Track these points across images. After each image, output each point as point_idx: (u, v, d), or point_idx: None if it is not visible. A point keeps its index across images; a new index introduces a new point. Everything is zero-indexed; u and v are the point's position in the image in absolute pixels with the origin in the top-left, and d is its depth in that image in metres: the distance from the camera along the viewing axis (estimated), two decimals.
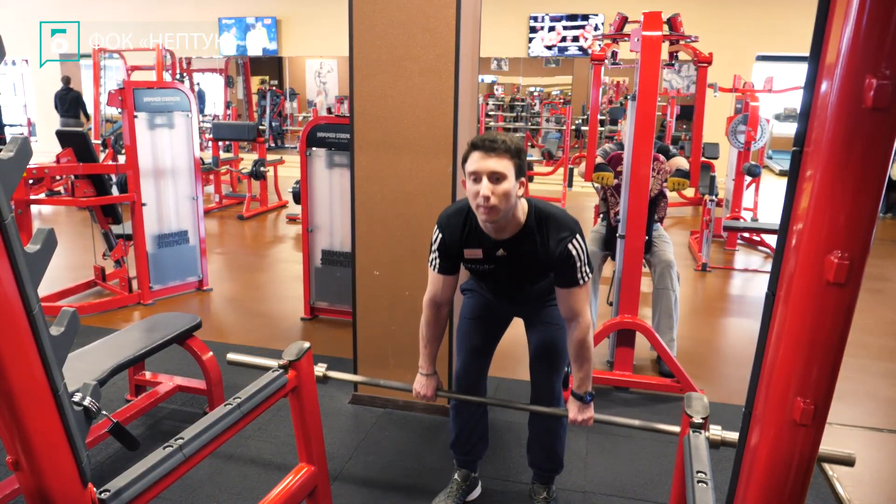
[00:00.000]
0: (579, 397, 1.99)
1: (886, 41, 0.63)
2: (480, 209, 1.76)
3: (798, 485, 0.84)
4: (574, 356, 1.97)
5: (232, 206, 8.06)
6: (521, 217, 1.86)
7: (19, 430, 1.00)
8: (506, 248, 1.90)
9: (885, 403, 3.22)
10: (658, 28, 2.89)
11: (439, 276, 2.00)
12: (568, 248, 1.84)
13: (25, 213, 4.11)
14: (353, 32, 2.68)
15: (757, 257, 6.17)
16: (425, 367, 2.11)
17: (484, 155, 1.73)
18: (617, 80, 15.89)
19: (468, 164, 1.77)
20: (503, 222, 1.82)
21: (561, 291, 1.90)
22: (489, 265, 1.96)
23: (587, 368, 1.97)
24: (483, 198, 1.72)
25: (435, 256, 1.98)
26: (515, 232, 1.87)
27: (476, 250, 1.93)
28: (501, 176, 1.73)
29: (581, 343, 1.93)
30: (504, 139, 1.75)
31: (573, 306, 1.90)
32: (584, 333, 1.92)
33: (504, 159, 1.73)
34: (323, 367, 2.10)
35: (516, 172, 1.76)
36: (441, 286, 2.01)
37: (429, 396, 2.11)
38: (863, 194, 0.69)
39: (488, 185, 1.72)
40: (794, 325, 0.76)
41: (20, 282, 0.94)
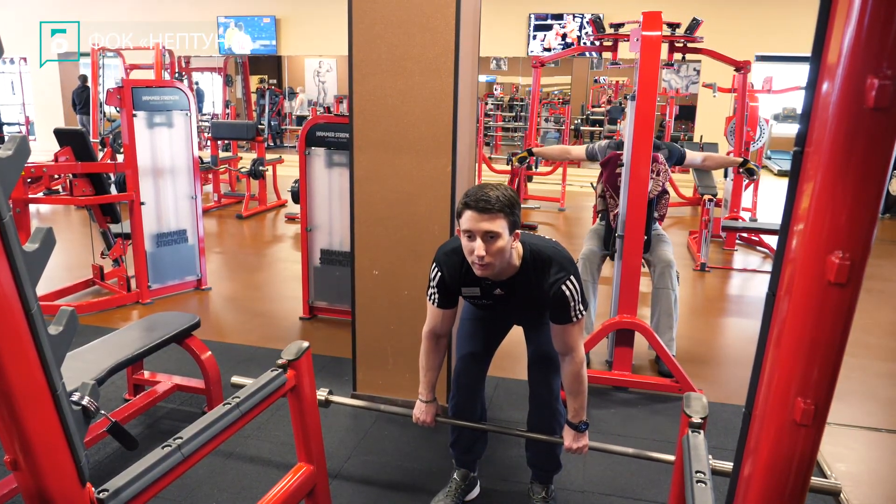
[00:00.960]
0: (574, 426, 2.04)
1: (888, 41, 0.63)
2: (476, 265, 1.80)
3: (798, 485, 0.84)
4: (568, 389, 2.02)
5: (231, 206, 8.05)
6: (516, 262, 1.91)
7: (18, 429, 0.99)
8: (503, 287, 1.96)
9: (885, 403, 3.22)
10: (658, 28, 2.89)
11: (438, 311, 2.05)
12: (562, 289, 1.88)
13: (24, 212, 4.10)
14: (352, 31, 2.67)
15: (756, 257, 6.17)
16: (425, 395, 2.16)
17: (477, 215, 1.75)
18: (616, 79, 15.89)
19: (462, 221, 1.79)
20: (498, 272, 1.87)
21: (555, 327, 1.96)
22: (487, 300, 2.02)
23: (581, 400, 2.01)
24: (478, 257, 1.77)
25: (434, 292, 2.02)
26: (511, 275, 1.93)
27: (474, 288, 1.99)
28: (496, 235, 1.76)
29: (575, 377, 1.99)
30: (497, 196, 1.75)
31: (566, 342, 1.96)
32: (578, 368, 1.98)
33: (498, 219, 1.75)
34: (325, 392, 2.16)
35: (510, 228, 1.79)
36: (440, 320, 2.06)
37: (428, 422, 2.17)
38: (864, 194, 0.68)
39: (482, 245, 1.76)
40: (794, 325, 0.76)
41: (18, 281, 0.94)
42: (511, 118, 15.10)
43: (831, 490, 1.55)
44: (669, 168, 3.47)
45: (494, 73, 16.14)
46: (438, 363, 2.14)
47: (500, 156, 12.41)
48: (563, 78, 16.07)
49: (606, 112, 14.56)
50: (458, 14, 2.55)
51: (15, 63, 14.71)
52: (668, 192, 3.49)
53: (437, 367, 2.14)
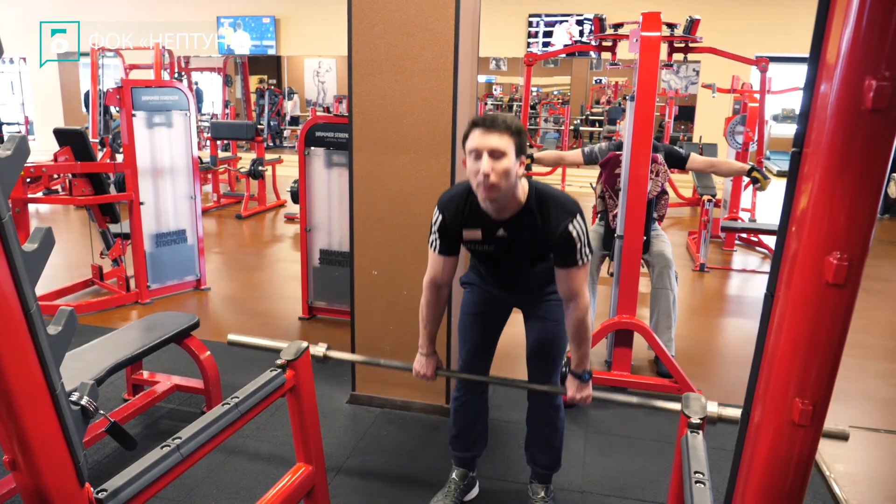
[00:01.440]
0: (578, 375, 1.99)
1: (886, 42, 0.63)
2: (480, 187, 1.75)
3: (796, 485, 0.84)
4: (573, 336, 1.97)
5: (230, 206, 8.05)
6: (521, 197, 1.84)
7: (16, 429, 0.99)
8: (506, 228, 1.89)
9: (883, 404, 3.23)
10: (657, 28, 2.89)
11: (439, 257, 1.99)
12: (569, 229, 1.82)
13: (23, 212, 4.10)
14: (352, 32, 2.67)
15: (755, 258, 6.17)
16: (425, 347, 2.10)
17: (484, 132, 1.73)
18: (616, 80, 15.90)
19: (469, 141, 1.77)
20: (503, 201, 1.81)
21: (560, 272, 1.89)
22: (489, 245, 1.95)
23: (585, 348, 1.97)
24: (483, 175, 1.71)
25: (435, 238, 1.97)
26: (516, 212, 1.86)
27: (475, 231, 1.92)
28: (501, 153, 1.72)
29: (580, 323, 1.93)
30: (504, 118, 1.76)
31: (572, 287, 1.89)
32: (582, 314, 1.92)
33: (504, 136, 1.73)
34: (323, 347, 2.08)
35: (516, 150, 1.76)
36: (441, 267, 2.00)
37: (428, 376, 2.11)
38: (862, 195, 0.69)
39: (488, 161, 1.71)
40: (792, 325, 0.76)
41: (18, 281, 0.94)
42: None
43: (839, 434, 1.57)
44: (668, 169, 3.47)
45: (494, 74, 16.13)
46: (439, 315, 2.09)
47: None
48: (562, 78, 16.07)
49: (606, 112, 14.56)
50: (457, 14, 2.55)
51: (15, 63, 14.70)
52: (667, 192, 3.49)
53: (437, 318, 2.09)
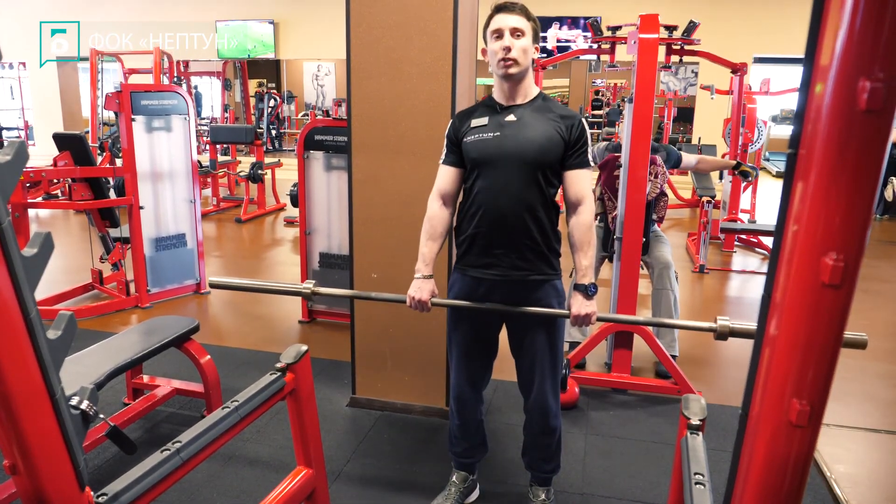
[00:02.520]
0: (582, 288, 1.96)
1: (880, 44, 0.63)
2: (501, 63, 1.92)
3: (794, 485, 0.84)
4: (579, 243, 1.98)
5: (230, 209, 8.06)
6: (532, 88, 2.02)
7: (16, 433, 0.99)
8: (516, 113, 1.99)
9: (882, 404, 3.23)
10: (655, 31, 2.90)
11: (445, 168, 2.08)
12: (581, 123, 1.98)
13: (23, 217, 4.10)
14: (350, 35, 2.68)
15: (754, 259, 6.18)
16: (423, 269, 2.06)
17: (506, 14, 1.92)
18: (614, 82, 15.92)
19: (491, 24, 1.95)
20: (518, 80, 1.97)
21: (569, 175, 1.98)
22: (494, 133, 1.97)
23: (591, 255, 1.98)
24: (505, 48, 1.90)
25: (444, 150, 2.09)
26: (527, 100, 2.00)
27: (482, 118, 2.02)
28: (521, 32, 1.91)
29: (587, 228, 1.99)
30: (523, 4, 1.95)
31: (580, 190, 1.98)
32: (589, 218, 1.99)
33: (523, 18, 1.92)
34: (311, 284, 2.07)
35: (533, 35, 1.95)
36: (446, 178, 2.08)
37: (423, 301, 2.03)
38: (857, 196, 0.69)
39: (510, 38, 1.90)
40: (789, 326, 0.76)
41: (17, 285, 0.94)
42: None
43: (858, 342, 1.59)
44: (667, 170, 3.48)
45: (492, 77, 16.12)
46: (441, 232, 2.07)
47: None
48: (561, 80, 16.09)
49: (605, 115, 14.57)
50: (455, 17, 2.56)
51: (14, 68, 14.71)
52: (666, 194, 3.49)
53: (439, 236, 2.06)
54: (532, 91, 2.02)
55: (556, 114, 1.98)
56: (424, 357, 2.89)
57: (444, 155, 2.09)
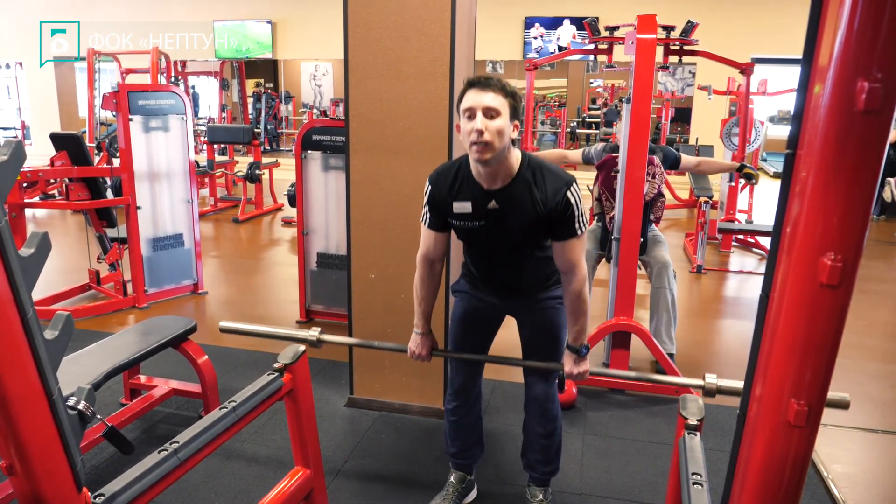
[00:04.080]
0: (575, 350, 1.97)
1: (878, 44, 0.64)
2: (474, 147, 1.72)
3: (792, 486, 0.84)
4: (571, 309, 1.96)
5: (227, 210, 8.05)
6: (514, 165, 1.82)
7: (13, 434, 0.99)
8: (498, 199, 1.85)
9: (880, 405, 3.23)
10: (652, 31, 2.90)
11: (431, 232, 1.99)
12: (566, 195, 1.81)
13: (19, 217, 4.09)
14: (348, 35, 2.68)
15: (752, 259, 6.18)
16: (420, 326, 2.09)
17: (479, 91, 1.73)
18: (612, 82, 15.93)
19: (463, 101, 1.75)
20: (495, 165, 1.78)
21: (557, 245, 1.88)
22: (479, 221, 1.89)
23: (583, 322, 1.96)
24: (477, 132, 1.70)
25: (426, 211, 1.96)
26: (508, 182, 1.83)
27: (466, 203, 1.88)
28: (496, 112, 1.72)
29: (577, 296, 1.92)
30: (499, 79, 1.76)
31: (570, 258, 1.88)
32: (580, 286, 1.91)
33: (499, 96, 1.73)
34: (316, 331, 2.08)
35: (510, 113, 1.75)
36: (433, 242, 2.00)
37: (423, 356, 2.09)
38: (855, 196, 0.69)
39: (483, 119, 1.71)
40: (787, 326, 0.77)
41: (14, 286, 0.94)
42: None
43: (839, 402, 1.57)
44: (665, 171, 3.48)
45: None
46: (433, 291, 2.07)
47: None
48: (558, 81, 16.10)
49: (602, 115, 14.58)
50: (453, 17, 2.56)
51: (11, 67, 14.68)
52: (663, 194, 3.50)
53: (432, 295, 2.07)
54: (514, 167, 1.83)
55: (540, 193, 1.82)
56: None
57: (427, 219, 1.97)
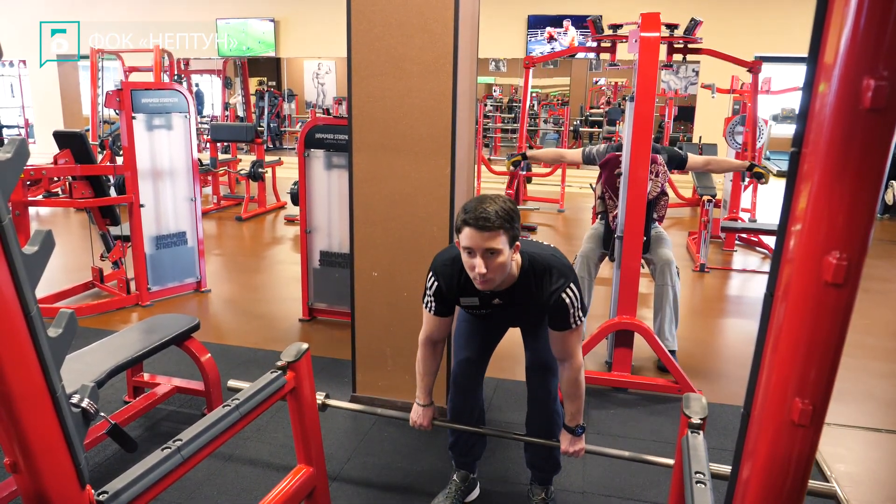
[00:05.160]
0: (571, 430, 2.07)
1: (884, 42, 0.63)
2: (477, 280, 1.79)
3: (797, 485, 0.84)
4: (566, 394, 2.03)
5: (230, 208, 8.05)
6: (515, 272, 1.89)
7: (17, 431, 0.99)
8: (502, 298, 1.96)
9: (884, 404, 3.23)
10: (656, 29, 2.89)
11: (435, 318, 2.05)
12: (561, 297, 1.88)
13: (23, 215, 4.10)
14: (351, 33, 2.68)
15: (755, 258, 6.17)
16: (422, 398, 2.16)
17: (478, 233, 1.71)
18: (615, 80, 15.91)
19: (462, 238, 1.76)
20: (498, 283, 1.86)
21: (553, 333, 1.96)
22: (485, 310, 2.02)
23: (578, 405, 2.03)
24: (479, 274, 1.76)
25: (430, 300, 2.02)
26: (510, 284, 1.92)
27: (472, 298, 1.98)
28: (496, 251, 1.74)
29: (573, 382, 1.99)
30: (496, 210, 1.71)
31: (565, 348, 1.96)
32: (576, 374, 1.98)
33: (498, 236, 1.72)
34: (322, 396, 2.19)
35: (510, 243, 1.77)
36: (436, 327, 2.06)
37: (425, 426, 2.17)
38: (861, 195, 0.69)
39: (482, 262, 1.74)
40: (792, 325, 0.76)
41: (18, 283, 0.94)
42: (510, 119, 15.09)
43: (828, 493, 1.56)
44: (669, 171, 3.48)
45: (493, 75, 16.13)
46: (435, 368, 2.14)
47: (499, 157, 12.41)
48: (561, 79, 16.08)
49: (605, 113, 14.56)
50: (456, 16, 2.56)
51: (14, 66, 14.70)
52: (667, 193, 3.49)
53: (433, 372, 2.14)
54: (515, 274, 1.89)
55: (539, 292, 1.90)
56: None
57: (432, 307, 2.02)
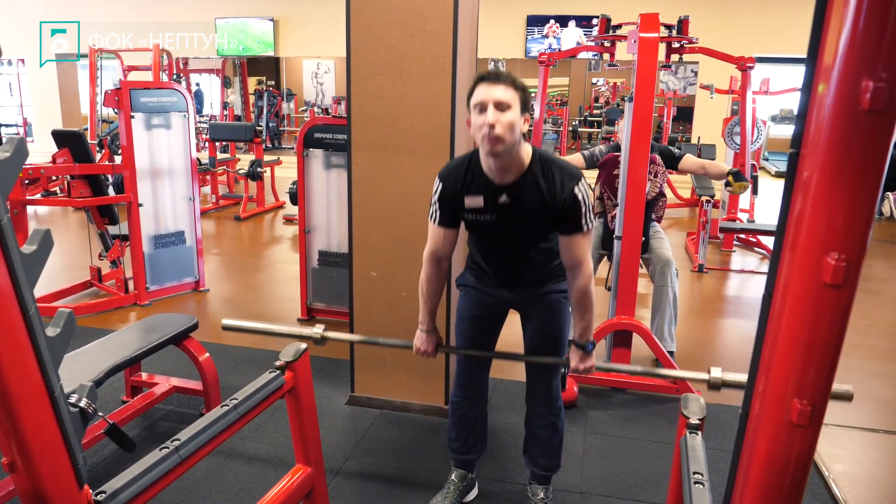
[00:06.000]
0: (581, 346, 1.98)
1: (883, 44, 0.63)
2: (485, 140, 1.74)
3: (795, 485, 0.84)
4: (576, 305, 1.96)
5: (229, 207, 8.05)
6: (524, 159, 1.84)
7: (15, 431, 0.99)
8: (509, 193, 1.87)
9: (882, 404, 3.23)
10: (655, 29, 2.89)
11: (439, 229, 1.98)
12: (574, 192, 1.83)
13: (22, 214, 4.09)
14: (350, 33, 2.68)
15: (753, 258, 6.18)
16: (426, 323, 2.09)
17: (490, 85, 1.74)
18: (614, 81, 15.91)
19: (474, 96, 1.77)
20: (507, 160, 1.80)
21: (564, 239, 1.90)
22: (490, 215, 1.91)
23: (589, 318, 1.96)
24: (489, 126, 1.71)
25: (435, 209, 1.96)
26: (519, 175, 1.85)
27: (477, 198, 1.89)
28: (507, 105, 1.73)
29: (583, 292, 1.93)
30: (509, 72, 1.78)
31: (576, 254, 1.89)
32: (586, 282, 1.92)
33: (510, 89, 1.74)
34: (320, 328, 2.08)
35: (521, 106, 1.77)
36: (441, 240, 1.99)
37: (429, 352, 2.10)
38: (859, 196, 0.69)
39: (494, 112, 1.72)
40: (791, 326, 0.76)
41: (16, 283, 0.94)
42: None
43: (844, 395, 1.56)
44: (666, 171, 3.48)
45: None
46: (440, 289, 2.07)
47: None
48: (560, 79, 16.08)
49: (604, 113, 14.57)
50: (455, 15, 2.56)
51: (13, 65, 14.68)
52: (665, 193, 3.49)
53: (438, 293, 2.07)
54: (524, 161, 1.84)
55: (549, 186, 1.84)
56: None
57: (437, 216, 1.96)
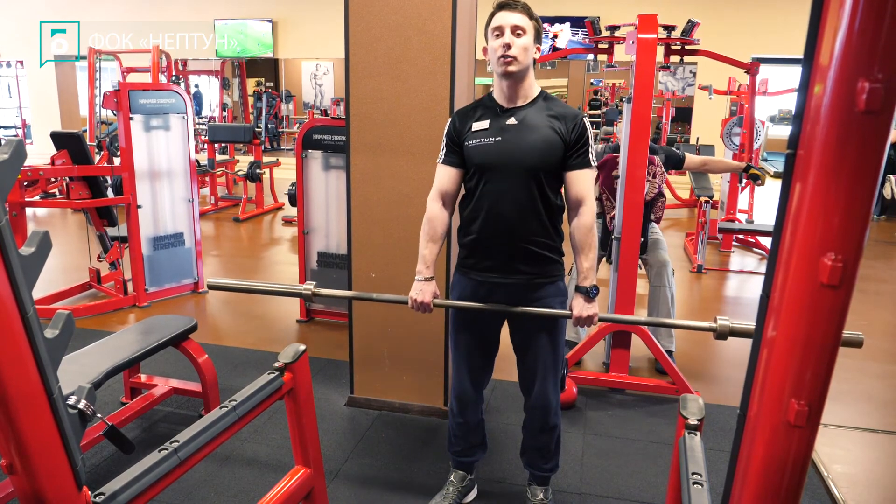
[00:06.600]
0: (584, 291, 1.97)
1: (879, 45, 0.63)
2: (501, 60, 1.89)
3: (793, 486, 0.84)
4: (580, 244, 1.97)
5: (228, 209, 8.05)
6: (534, 88, 2.00)
7: (14, 433, 0.99)
8: (517, 116, 1.97)
9: (881, 404, 3.23)
10: (653, 31, 2.90)
11: (444, 168, 2.05)
12: (583, 120, 1.97)
13: (20, 216, 4.09)
14: (349, 35, 2.68)
15: (752, 259, 6.18)
16: (424, 271, 2.02)
17: (508, 12, 1.91)
18: (613, 82, 15.92)
19: (492, 22, 1.93)
20: (518, 81, 1.94)
21: (570, 175, 1.96)
22: (496, 137, 1.95)
23: (592, 258, 1.97)
24: (504, 46, 1.88)
25: (443, 146, 2.06)
26: (527, 102, 1.98)
27: (484, 121, 1.99)
28: (522, 30, 1.90)
29: (588, 229, 1.96)
30: (525, 3, 1.95)
31: (581, 191, 1.96)
32: (591, 219, 1.96)
33: (525, 17, 1.91)
34: (311, 285, 2.07)
35: (534, 35, 1.93)
36: (445, 178, 2.05)
37: (426, 303, 2.01)
38: (856, 196, 0.69)
39: (511, 36, 1.88)
40: (788, 326, 0.76)
41: (15, 284, 0.94)
42: None
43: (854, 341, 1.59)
44: (666, 171, 3.48)
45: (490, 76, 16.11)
46: (441, 232, 2.04)
47: None
48: (559, 80, 16.09)
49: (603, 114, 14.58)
50: (454, 17, 2.56)
51: (12, 66, 14.67)
52: (664, 194, 3.49)
53: (439, 236, 2.04)
54: (533, 91, 1.99)
55: (557, 113, 1.96)
56: (422, 357, 2.89)
57: (444, 155, 2.05)
